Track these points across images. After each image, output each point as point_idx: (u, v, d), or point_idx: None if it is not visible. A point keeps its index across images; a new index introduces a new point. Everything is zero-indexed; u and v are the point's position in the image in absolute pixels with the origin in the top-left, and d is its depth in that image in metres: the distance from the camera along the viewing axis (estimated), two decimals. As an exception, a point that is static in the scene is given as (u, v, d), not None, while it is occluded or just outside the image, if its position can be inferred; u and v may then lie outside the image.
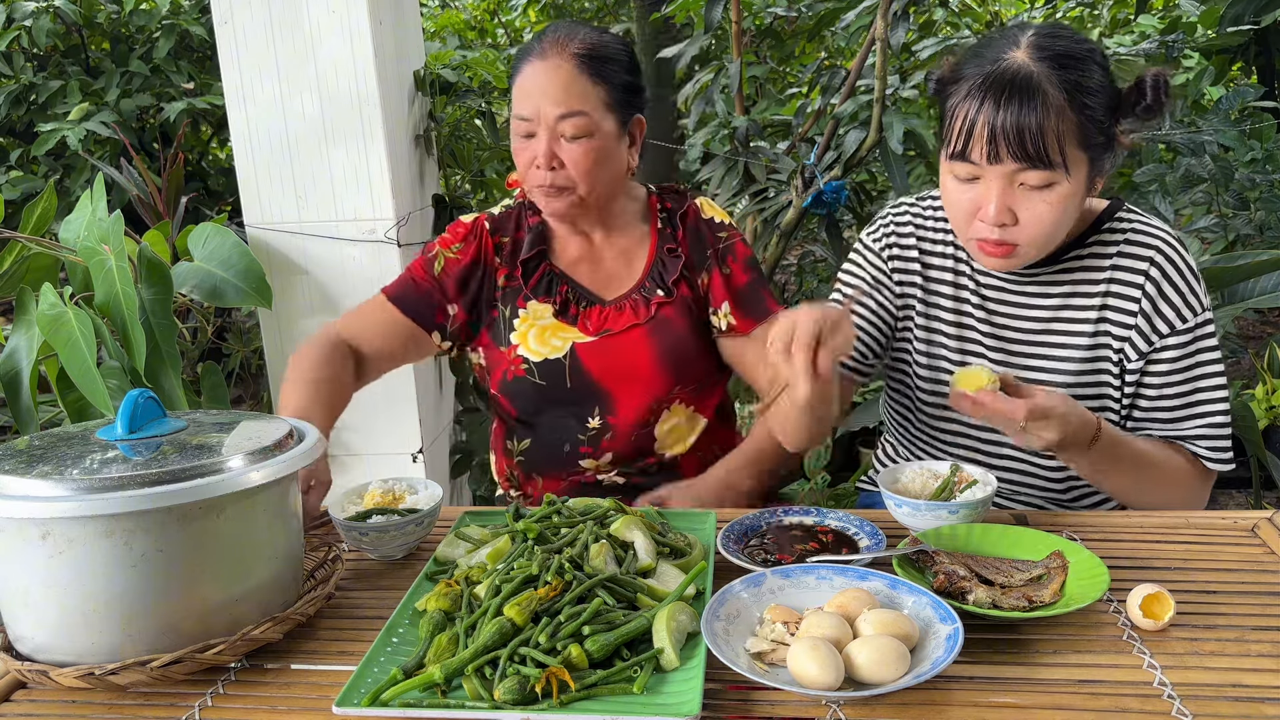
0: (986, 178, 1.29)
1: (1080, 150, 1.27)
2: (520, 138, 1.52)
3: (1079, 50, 1.28)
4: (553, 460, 1.61)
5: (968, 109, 1.27)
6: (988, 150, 1.26)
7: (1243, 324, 4.17)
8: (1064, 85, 1.25)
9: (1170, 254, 1.38)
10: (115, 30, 3.97)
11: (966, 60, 1.33)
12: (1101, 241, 1.41)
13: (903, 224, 1.54)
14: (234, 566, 1.00)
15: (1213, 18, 4.29)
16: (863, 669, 0.90)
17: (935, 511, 1.20)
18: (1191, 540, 1.23)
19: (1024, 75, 1.25)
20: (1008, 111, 1.24)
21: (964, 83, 1.29)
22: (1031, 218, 1.29)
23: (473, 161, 2.96)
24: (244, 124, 2.47)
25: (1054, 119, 1.24)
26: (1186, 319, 1.37)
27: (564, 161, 1.49)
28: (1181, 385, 1.39)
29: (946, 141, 1.31)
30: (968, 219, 1.33)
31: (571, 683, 0.90)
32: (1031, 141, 1.24)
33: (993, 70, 1.27)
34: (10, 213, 3.13)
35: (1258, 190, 3.49)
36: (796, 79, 4.41)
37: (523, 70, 1.51)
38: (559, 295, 1.60)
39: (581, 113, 1.48)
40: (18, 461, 0.99)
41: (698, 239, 1.63)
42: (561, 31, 1.51)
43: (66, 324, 1.94)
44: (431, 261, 1.62)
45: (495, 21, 5.73)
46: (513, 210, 1.65)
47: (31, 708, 0.97)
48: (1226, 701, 0.89)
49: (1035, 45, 1.27)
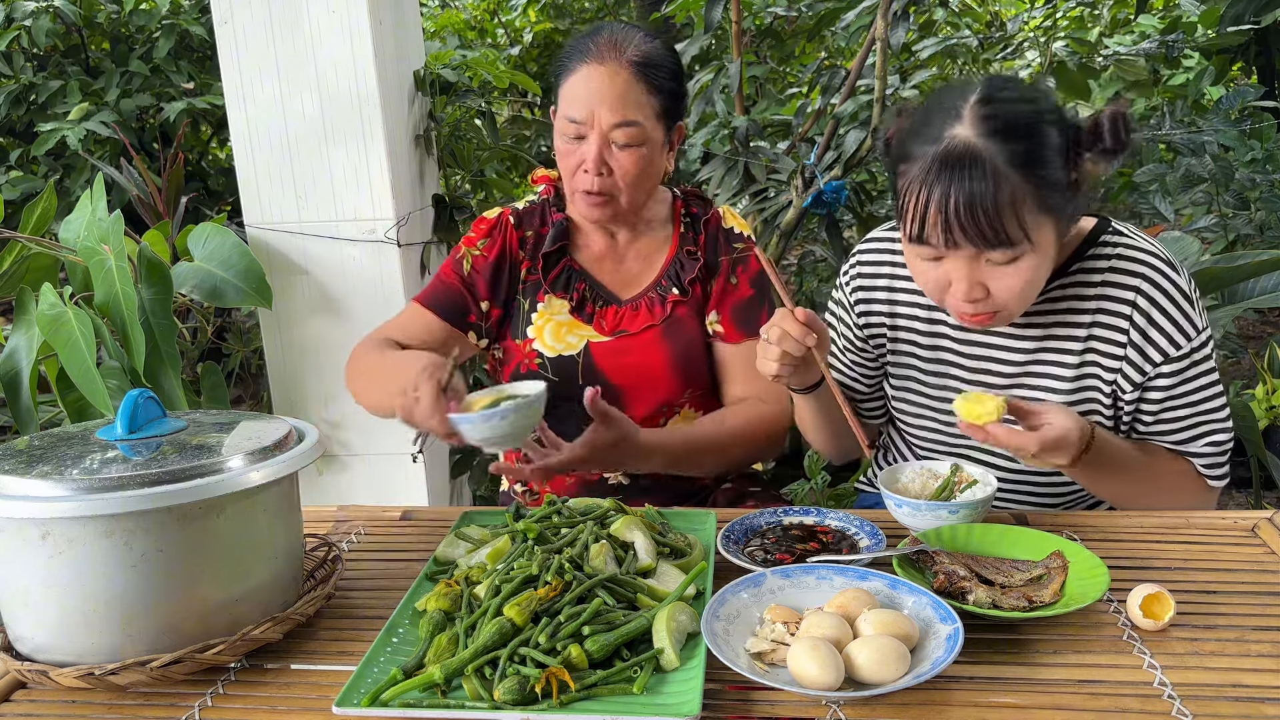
0: (950, 258, 1.25)
1: (1041, 215, 1.22)
2: (568, 139, 1.50)
3: (1026, 114, 1.22)
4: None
5: (919, 195, 1.22)
6: (944, 237, 1.21)
7: (1243, 324, 4.17)
8: (1014, 159, 1.18)
9: (1158, 280, 1.32)
10: (115, 30, 3.97)
11: (912, 133, 1.27)
12: (1085, 269, 1.36)
13: (873, 262, 1.51)
14: (234, 566, 1.00)
15: (1213, 18, 4.29)
16: (863, 669, 0.90)
17: (935, 511, 1.20)
18: (1191, 540, 1.23)
19: (971, 155, 1.19)
20: (958, 195, 1.18)
21: (912, 163, 1.24)
22: (1003, 289, 1.25)
23: (473, 161, 2.96)
24: (244, 124, 2.47)
25: (1007, 195, 1.18)
26: (1181, 345, 1.33)
27: (613, 168, 1.49)
28: (1180, 409, 1.36)
29: (902, 222, 1.27)
30: (939, 293, 1.30)
31: (571, 683, 0.90)
32: (988, 224, 1.18)
33: (938, 151, 1.20)
34: (10, 213, 3.13)
35: (1258, 190, 3.49)
36: (796, 79, 4.41)
37: (576, 71, 1.48)
38: (576, 292, 1.60)
39: (636, 123, 1.48)
40: (18, 461, 0.99)
41: (716, 245, 1.65)
42: (617, 35, 1.50)
43: (66, 324, 1.94)
44: (460, 263, 1.62)
45: (495, 21, 5.73)
46: (537, 205, 1.65)
47: (31, 708, 0.97)
48: (1226, 701, 0.89)
49: (979, 117, 1.21)
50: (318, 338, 2.57)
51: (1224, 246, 3.38)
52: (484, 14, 5.69)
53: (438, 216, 2.77)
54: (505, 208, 1.65)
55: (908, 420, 1.53)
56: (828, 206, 2.85)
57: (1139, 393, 1.37)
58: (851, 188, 2.94)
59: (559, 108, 1.53)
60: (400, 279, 2.52)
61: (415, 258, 2.63)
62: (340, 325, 2.56)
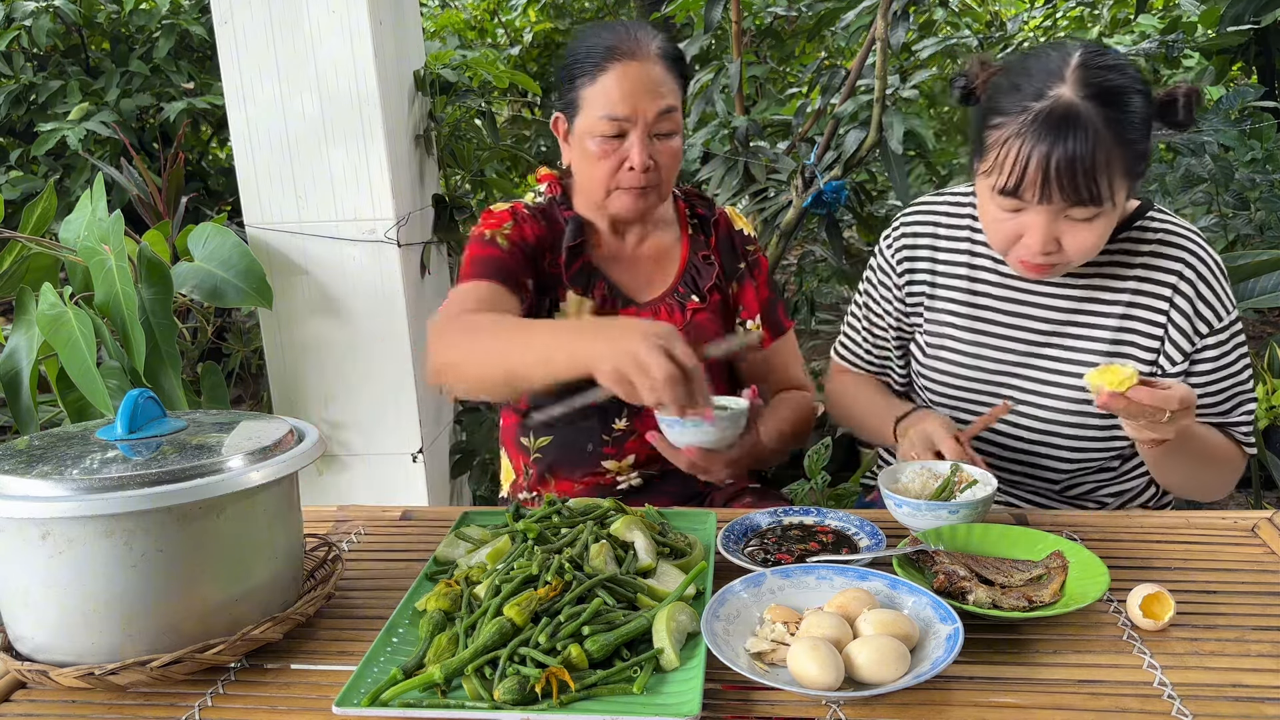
0: (1032, 211, 1.29)
1: (1124, 179, 1.27)
2: (605, 139, 1.48)
3: (1125, 83, 1.26)
4: (573, 459, 1.60)
5: (1018, 149, 1.25)
6: (1040, 192, 1.25)
7: (1243, 324, 4.17)
8: (1112, 122, 1.23)
9: (1204, 255, 1.40)
10: (115, 30, 3.97)
11: (1008, 87, 1.30)
12: (1131, 239, 1.42)
13: (917, 223, 1.56)
14: (234, 566, 1.00)
15: (1213, 18, 4.29)
16: (863, 669, 0.90)
17: (935, 511, 1.20)
18: (1191, 540, 1.23)
19: (1074, 115, 1.23)
20: (1062, 154, 1.22)
21: (1010, 117, 1.27)
22: (1075, 244, 1.30)
23: (473, 161, 2.96)
24: (244, 124, 2.47)
25: (1104, 157, 1.23)
26: (1223, 318, 1.41)
27: (656, 161, 1.50)
28: (1225, 380, 1.42)
29: (991, 172, 1.30)
30: (1010, 243, 1.34)
31: (571, 683, 0.90)
32: (1086, 183, 1.23)
33: (1042, 109, 1.24)
34: (10, 213, 3.13)
35: (1258, 190, 3.49)
36: (796, 79, 4.41)
37: (608, 71, 1.47)
38: (598, 292, 1.58)
39: (674, 108, 1.50)
40: (18, 461, 0.99)
41: (730, 249, 1.65)
42: (635, 32, 1.51)
43: (66, 324, 1.94)
44: (493, 240, 1.53)
45: (495, 21, 5.73)
46: (543, 205, 1.62)
47: (31, 708, 0.97)
48: (1226, 701, 0.89)
49: (1082, 80, 1.24)
50: (318, 338, 2.57)
51: (1224, 246, 3.38)
52: (484, 14, 5.69)
53: (438, 216, 2.78)
54: (515, 202, 1.61)
55: (935, 384, 1.55)
56: (828, 206, 2.85)
57: (1186, 364, 1.42)
58: (851, 188, 2.95)
59: (585, 111, 1.49)
60: (400, 279, 2.52)
61: (415, 258, 2.63)
62: (340, 325, 2.56)
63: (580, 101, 1.50)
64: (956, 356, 1.53)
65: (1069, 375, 1.44)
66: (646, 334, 1.11)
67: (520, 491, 1.68)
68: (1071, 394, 1.44)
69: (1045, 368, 1.46)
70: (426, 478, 2.66)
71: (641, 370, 1.09)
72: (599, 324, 1.25)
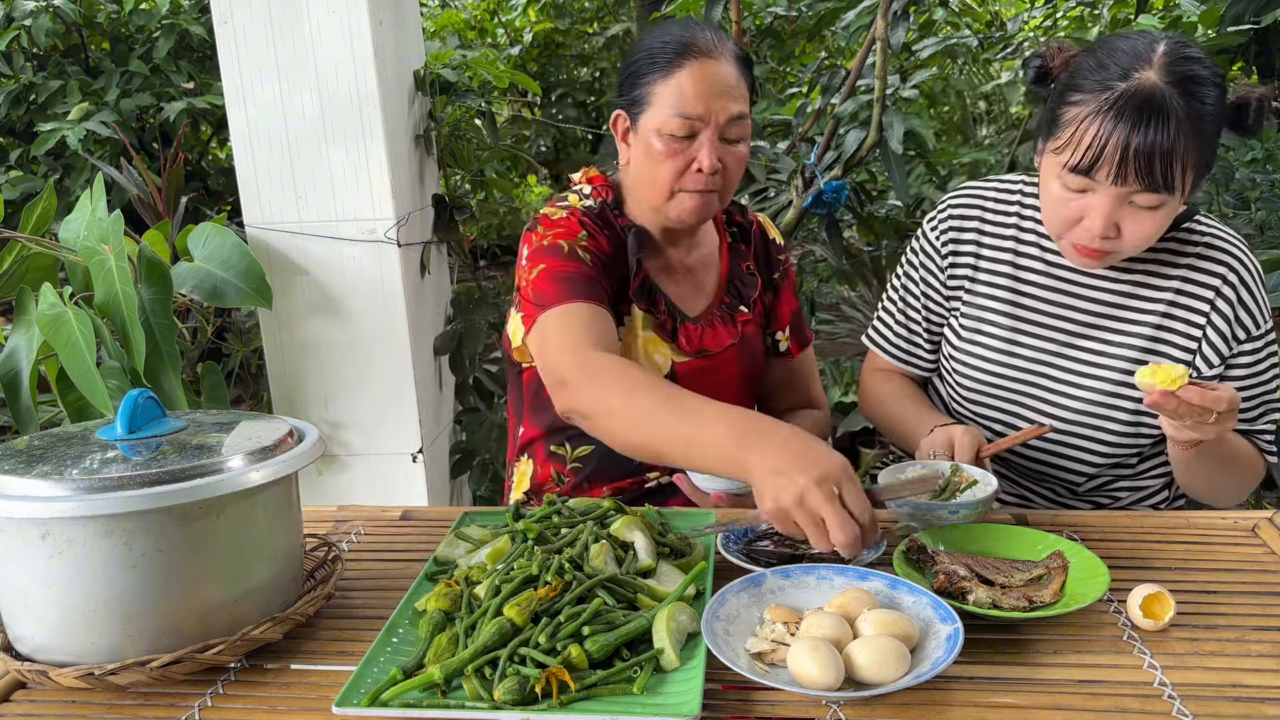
0: (1099, 193, 1.29)
1: (1193, 171, 1.27)
2: (674, 139, 1.43)
3: (1208, 75, 1.26)
4: (617, 467, 1.56)
5: (1098, 127, 1.25)
6: (1115, 172, 1.25)
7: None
8: (1192, 112, 1.23)
9: (1249, 263, 1.42)
10: (115, 30, 3.97)
11: (1092, 66, 1.30)
12: (1178, 240, 1.43)
13: (964, 206, 1.57)
14: (234, 566, 1.00)
15: (1213, 18, 4.28)
16: (863, 669, 0.90)
17: (935, 511, 1.20)
18: (1191, 540, 1.23)
19: (1158, 100, 1.23)
20: (1142, 137, 1.22)
21: (1091, 95, 1.27)
22: (1135, 231, 1.30)
23: (473, 161, 2.96)
24: (244, 124, 2.47)
25: (1182, 145, 1.23)
26: (1260, 325, 1.42)
27: (724, 164, 1.45)
28: (1256, 388, 1.44)
29: (1064, 149, 1.29)
30: (1068, 225, 1.34)
31: (571, 683, 0.90)
32: (1161, 169, 1.24)
33: (1126, 90, 1.24)
34: (10, 213, 3.13)
35: (1258, 190, 3.49)
36: (796, 79, 4.41)
37: (683, 68, 1.42)
38: (657, 307, 1.53)
39: (746, 115, 1.46)
40: (18, 461, 0.99)
41: (767, 259, 1.66)
42: (709, 31, 1.47)
43: (66, 324, 1.94)
44: (574, 252, 1.44)
45: (495, 21, 5.73)
46: (597, 210, 1.53)
47: (31, 708, 0.97)
48: (1226, 701, 0.89)
49: (1168, 67, 1.25)
50: (318, 338, 2.57)
51: (1224, 246, 3.38)
52: (484, 14, 5.69)
53: (438, 216, 2.78)
54: (571, 207, 1.51)
55: (967, 370, 1.55)
56: (828, 206, 2.86)
57: (1222, 368, 1.43)
58: (851, 188, 2.95)
59: (655, 108, 1.44)
60: (400, 279, 2.52)
61: (415, 258, 2.63)
62: (340, 325, 2.56)
63: (649, 97, 1.45)
64: (992, 342, 1.52)
65: (1103, 369, 1.45)
66: (824, 476, 1.01)
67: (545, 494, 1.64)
68: (1104, 386, 1.45)
69: (1080, 359, 1.47)
70: (426, 478, 2.66)
71: (811, 519, 1.01)
72: (766, 432, 1.09)
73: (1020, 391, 1.51)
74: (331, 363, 2.58)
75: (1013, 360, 1.51)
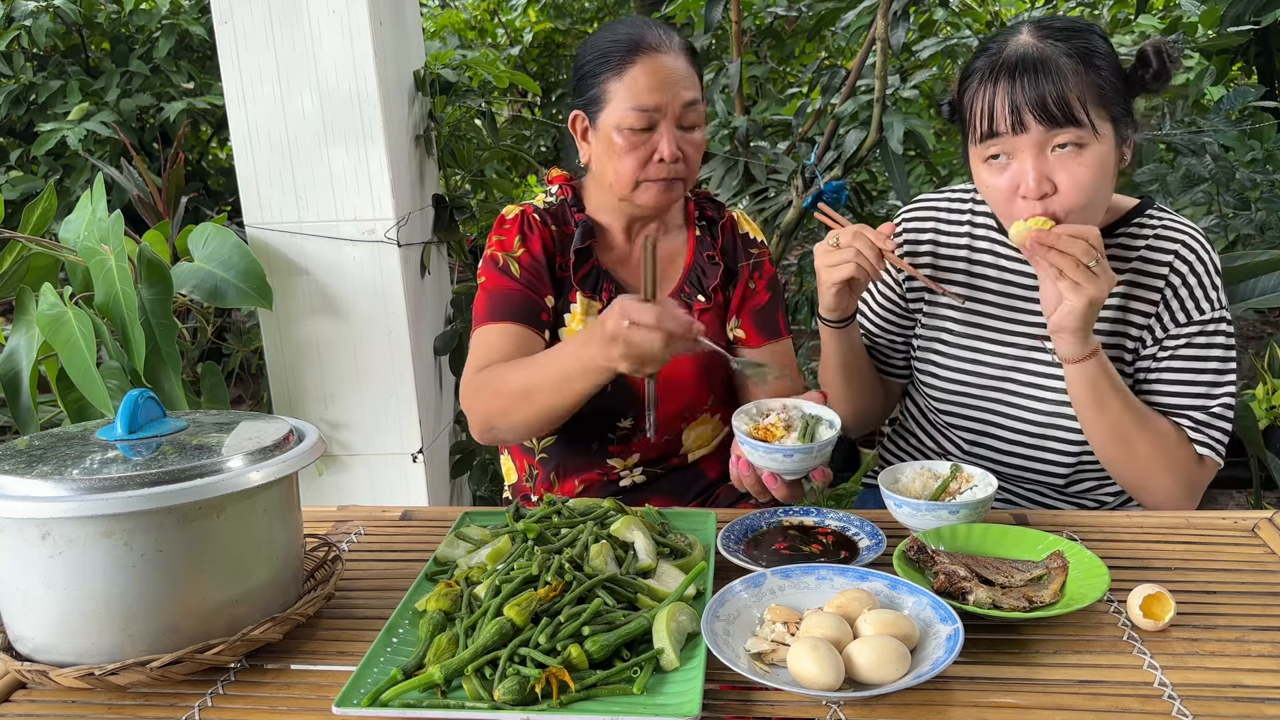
0: (1018, 153, 1.31)
1: (1102, 109, 1.30)
2: (634, 132, 1.48)
3: (1079, 24, 1.34)
4: (579, 458, 1.60)
5: (985, 93, 1.32)
6: (1011, 120, 1.29)
7: (1243, 324, 4.17)
8: (1071, 52, 1.29)
9: (1197, 249, 1.41)
10: (115, 30, 3.97)
11: (973, 59, 1.37)
12: (1129, 234, 1.44)
13: (919, 218, 1.59)
14: (234, 566, 1.00)
15: (1213, 18, 4.29)
16: (863, 669, 0.90)
17: (935, 511, 1.20)
18: (1191, 540, 1.23)
19: (1032, 49, 1.30)
20: (1023, 82, 1.29)
21: (975, 74, 1.34)
22: (1070, 181, 1.30)
23: (472, 161, 2.96)
24: (244, 124, 2.47)
25: (1070, 80, 1.28)
26: (1204, 311, 1.41)
27: (684, 152, 1.51)
28: (1182, 370, 1.42)
29: (972, 131, 1.35)
30: (1009, 200, 1.34)
31: (571, 683, 0.90)
32: (1054, 102, 1.28)
33: (999, 52, 1.32)
34: (10, 213, 3.13)
35: (1258, 190, 3.48)
36: (796, 79, 4.41)
37: (639, 63, 1.47)
38: (605, 294, 1.58)
39: (699, 100, 1.52)
40: (18, 461, 0.99)
41: (734, 251, 1.66)
42: (656, 27, 1.53)
43: (66, 324, 1.94)
44: (505, 269, 1.55)
45: (495, 21, 5.73)
46: (556, 205, 1.61)
47: (31, 708, 0.97)
48: (1226, 701, 0.89)
49: (1036, 27, 1.34)
50: (318, 338, 2.57)
51: (1224, 246, 3.37)
52: (484, 14, 5.69)
53: (438, 216, 2.78)
54: (525, 205, 1.61)
55: (930, 375, 1.56)
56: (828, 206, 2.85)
57: (1155, 349, 1.43)
58: (851, 188, 2.94)
59: (612, 105, 1.48)
60: (400, 279, 2.52)
61: (415, 258, 2.63)
62: (340, 325, 2.56)
63: (606, 95, 1.50)
64: (954, 351, 1.53)
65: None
66: (610, 313, 1.23)
67: (526, 493, 1.68)
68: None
69: (1044, 359, 1.47)
70: (426, 478, 2.66)
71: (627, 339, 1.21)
72: (589, 330, 1.31)
73: (988, 398, 1.51)
74: (331, 363, 2.58)
75: (977, 368, 1.52)
